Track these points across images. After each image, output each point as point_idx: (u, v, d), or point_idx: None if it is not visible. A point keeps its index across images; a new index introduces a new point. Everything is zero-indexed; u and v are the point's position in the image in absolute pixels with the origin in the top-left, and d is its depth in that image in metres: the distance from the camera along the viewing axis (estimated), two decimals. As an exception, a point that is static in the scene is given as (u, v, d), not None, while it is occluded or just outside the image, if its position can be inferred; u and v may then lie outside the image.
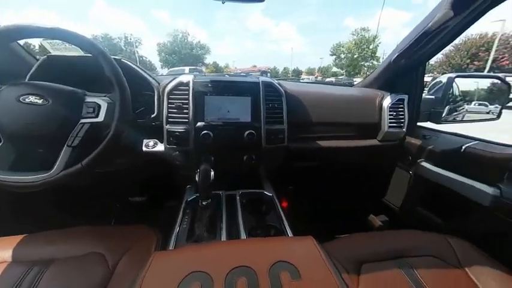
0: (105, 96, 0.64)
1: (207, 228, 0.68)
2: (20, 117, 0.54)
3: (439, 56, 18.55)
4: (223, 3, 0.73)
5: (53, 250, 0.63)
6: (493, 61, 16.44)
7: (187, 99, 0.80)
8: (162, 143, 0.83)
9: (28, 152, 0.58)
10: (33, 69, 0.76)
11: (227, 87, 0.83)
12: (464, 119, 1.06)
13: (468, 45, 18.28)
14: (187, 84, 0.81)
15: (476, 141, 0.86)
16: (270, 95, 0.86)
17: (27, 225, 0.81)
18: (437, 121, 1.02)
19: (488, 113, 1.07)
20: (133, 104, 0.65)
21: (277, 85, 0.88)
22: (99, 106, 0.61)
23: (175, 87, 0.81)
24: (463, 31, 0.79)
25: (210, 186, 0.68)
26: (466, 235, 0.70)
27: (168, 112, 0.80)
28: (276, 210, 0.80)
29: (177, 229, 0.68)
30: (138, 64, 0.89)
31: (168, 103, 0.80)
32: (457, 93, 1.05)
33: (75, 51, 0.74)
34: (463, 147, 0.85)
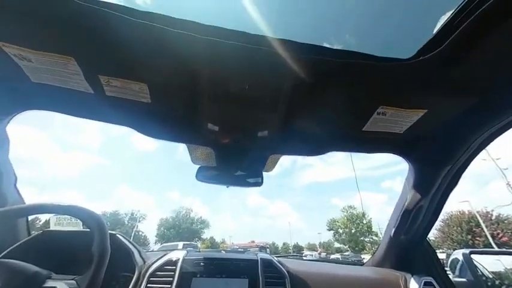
0: (72, 280, 0.53)
1: None
2: None
3: (434, 232, 18.72)
4: (227, 187, 0.89)
5: None
6: (493, 237, 16.22)
7: (171, 282, 0.66)
8: None
9: None
10: (15, 245, 0.71)
11: (221, 266, 0.73)
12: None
13: (455, 220, 19.23)
14: (175, 263, 0.72)
15: None
16: (271, 276, 0.73)
17: None
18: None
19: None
20: None
21: (279, 264, 0.78)
22: None
23: (160, 267, 0.71)
24: (440, 209, 0.86)
25: None
26: None
27: None
28: None
29: None
30: (131, 239, 0.86)
31: None
32: (490, 275, 0.90)
33: (76, 226, 0.75)
34: None
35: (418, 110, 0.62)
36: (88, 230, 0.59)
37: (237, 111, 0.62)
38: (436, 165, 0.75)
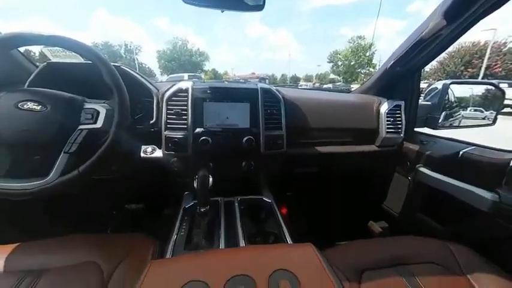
0: (104, 103, 0.64)
1: (205, 236, 0.67)
2: (17, 123, 0.54)
3: (433, 63, 19.03)
4: (222, 12, 0.75)
5: (46, 259, 0.61)
6: (486, 68, 16.82)
7: (186, 105, 0.80)
8: (160, 149, 0.82)
9: (24, 158, 0.58)
10: (33, 76, 0.76)
11: (226, 93, 0.84)
12: (460, 125, 1.07)
13: (462, 52, 18.76)
14: (186, 90, 0.81)
15: (473, 147, 0.87)
16: (269, 101, 0.86)
17: (19, 234, 0.79)
18: (434, 126, 1.03)
19: (484, 118, 1.08)
20: (132, 110, 0.65)
21: (276, 91, 0.89)
22: (98, 112, 0.61)
23: (174, 94, 0.81)
24: (456, 39, 0.81)
25: (208, 192, 0.68)
26: (466, 241, 0.69)
27: (167, 118, 0.80)
28: (275, 217, 0.79)
29: (174, 237, 0.67)
30: (137, 71, 0.90)
31: (167, 109, 0.81)
32: (453, 99, 1.07)
33: (75, 58, 0.74)
34: (460, 152, 0.86)
35: None
36: (90, 62, 0.60)
37: None
38: None
